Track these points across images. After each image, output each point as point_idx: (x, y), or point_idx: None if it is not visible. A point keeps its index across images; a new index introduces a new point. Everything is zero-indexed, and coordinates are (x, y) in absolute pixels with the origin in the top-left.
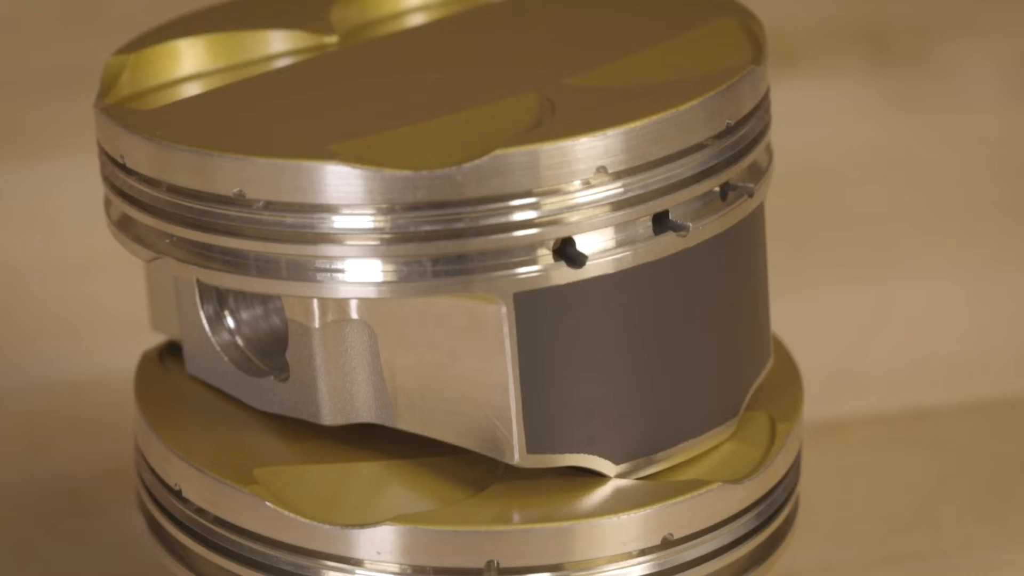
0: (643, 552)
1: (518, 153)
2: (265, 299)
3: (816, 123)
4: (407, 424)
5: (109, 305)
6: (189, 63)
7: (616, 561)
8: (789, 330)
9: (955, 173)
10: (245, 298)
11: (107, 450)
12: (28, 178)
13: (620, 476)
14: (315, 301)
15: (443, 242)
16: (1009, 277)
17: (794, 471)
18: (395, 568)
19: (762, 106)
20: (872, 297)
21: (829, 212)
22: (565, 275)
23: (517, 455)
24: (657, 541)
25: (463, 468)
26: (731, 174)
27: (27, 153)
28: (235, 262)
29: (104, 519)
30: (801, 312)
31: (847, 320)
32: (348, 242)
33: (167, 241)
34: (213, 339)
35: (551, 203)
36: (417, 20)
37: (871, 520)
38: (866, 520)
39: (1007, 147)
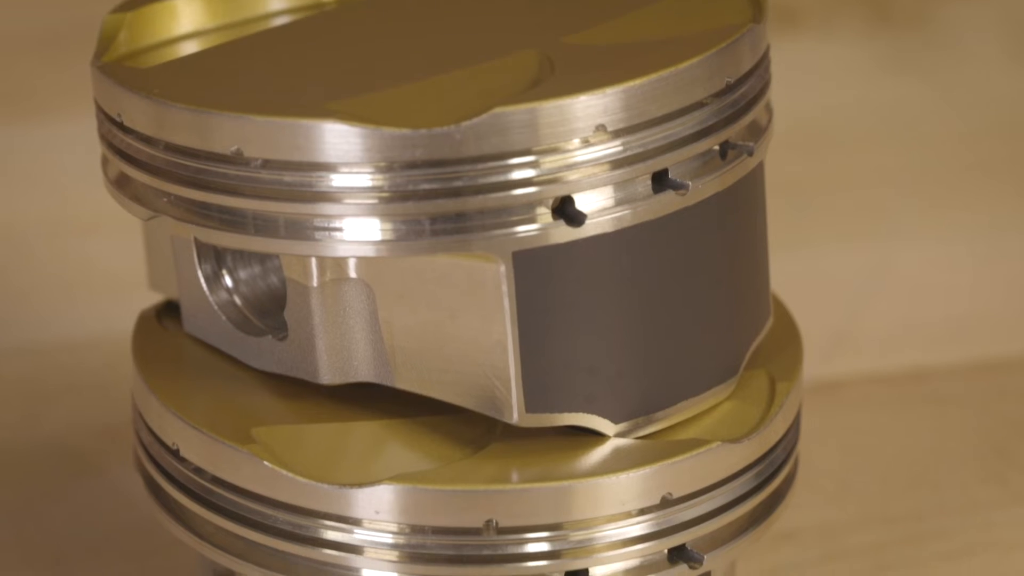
0: (642, 511)
1: (517, 111)
2: (263, 258)
3: (816, 84)
4: (405, 383)
5: (107, 265)
6: (187, 21)
7: (615, 520)
8: (788, 290)
9: (955, 134)
10: (243, 257)
11: (105, 410)
12: (26, 138)
13: (619, 435)
14: (313, 260)
15: (442, 201)
16: (1009, 238)
17: (793, 430)
18: (393, 527)
19: (762, 64)
20: (872, 257)
21: (829, 172)
22: (564, 234)
23: (516, 414)
24: (656, 500)
25: (462, 427)
26: (730, 133)
27: (25, 113)
28: (233, 221)
29: (102, 479)
30: (800, 272)
31: (846, 280)
32: (346, 200)
33: (165, 200)
34: (211, 298)
35: (550, 161)
36: None
37: (870, 480)
38: (865, 480)
39: (1007, 109)
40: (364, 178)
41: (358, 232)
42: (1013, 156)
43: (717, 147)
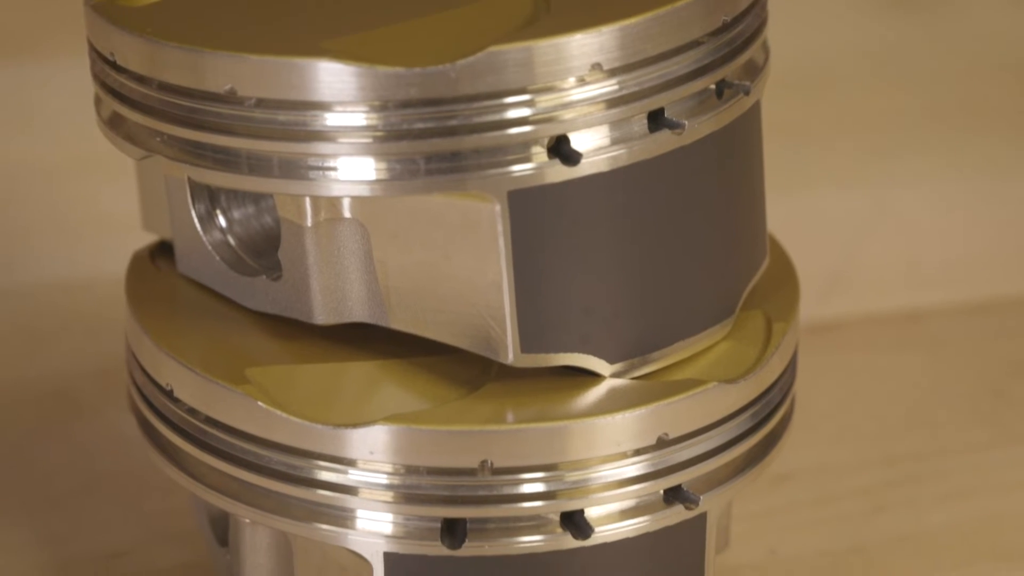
0: (638, 452)
1: (512, 50)
2: (257, 198)
3: (814, 24)
4: (400, 323)
5: (100, 205)
6: None
7: (610, 461)
8: (785, 231)
9: (953, 75)
10: (237, 196)
11: (99, 351)
12: (20, 78)
13: (615, 376)
14: (307, 199)
15: (436, 140)
16: (1006, 179)
17: (790, 371)
18: (388, 468)
19: (759, 3)
20: (868, 198)
21: (826, 113)
22: (559, 173)
23: (511, 354)
24: (652, 441)
25: (456, 368)
26: (727, 72)
27: (17, 52)
28: (226, 160)
29: (96, 420)
30: (797, 214)
31: (843, 221)
32: (341, 140)
33: (158, 139)
34: (204, 238)
35: (545, 100)
36: None
37: (867, 421)
38: (862, 421)
39: (1005, 49)
40: (358, 117)
41: (352, 171)
42: (1011, 98)
43: (713, 86)
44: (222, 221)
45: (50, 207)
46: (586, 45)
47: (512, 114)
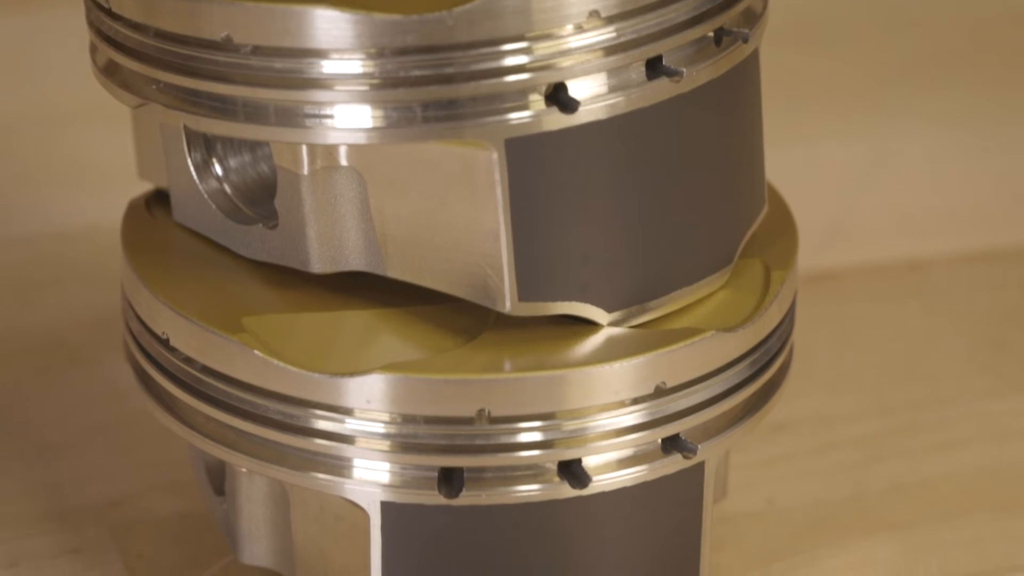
0: (635, 401)
1: None
2: (253, 146)
3: None
4: (397, 272)
5: (97, 155)
6: None
7: (608, 410)
8: (784, 181)
9: (952, 24)
10: (233, 145)
11: (95, 300)
12: (16, 27)
13: (612, 324)
14: (304, 147)
15: (433, 87)
16: (1004, 128)
17: (788, 320)
18: (385, 417)
19: None
20: (867, 148)
21: (825, 64)
22: (557, 121)
23: (508, 303)
24: (650, 390)
25: (454, 316)
26: (725, 19)
27: (14, 2)
28: (223, 108)
29: (92, 369)
30: (796, 164)
31: (842, 172)
32: (337, 87)
33: (154, 87)
34: (201, 187)
35: (543, 48)
36: None
37: (866, 371)
38: (861, 371)
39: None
40: (355, 64)
41: (349, 119)
42: (1011, 46)
43: (711, 33)
44: (218, 169)
45: (46, 156)
46: None
47: (509, 62)
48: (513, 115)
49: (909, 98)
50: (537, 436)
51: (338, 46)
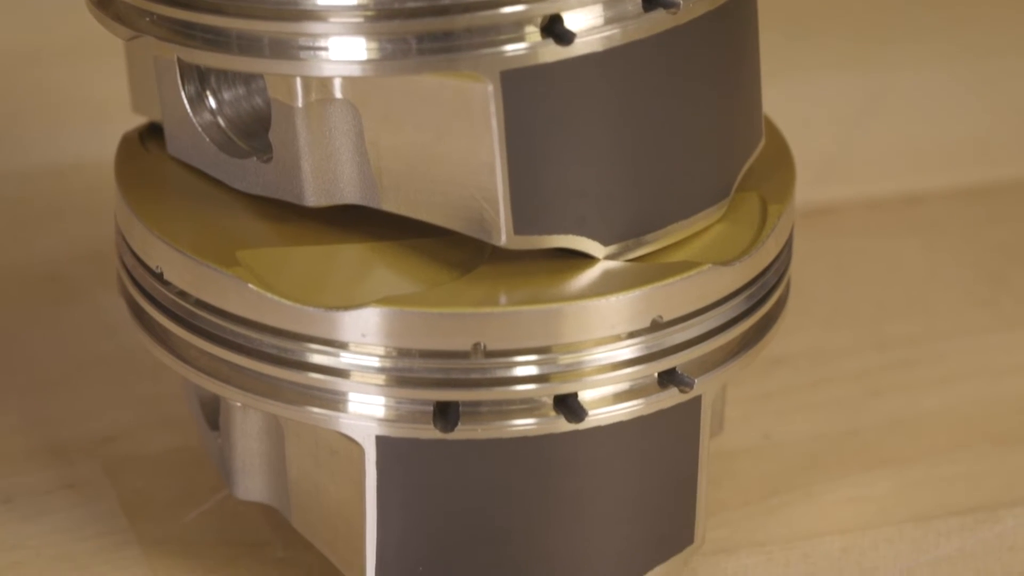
0: (631, 335)
1: None
2: (247, 78)
3: None
4: (392, 205)
5: (89, 88)
6: None
7: (604, 344)
8: (782, 115)
9: None
10: (227, 77)
11: (88, 234)
12: None
13: (609, 258)
14: (298, 80)
15: (428, 19)
16: (1004, 62)
17: (785, 253)
18: (380, 351)
19: None
20: (866, 82)
21: None
22: (553, 53)
23: (504, 236)
24: (646, 324)
25: (449, 250)
26: None
27: None
28: (217, 40)
29: (86, 304)
30: (794, 97)
31: (840, 106)
32: (332, 19)
33: (147, 19)
34: (194, 120)
35: None
36: None
37: (863, 305)
38: (858, 305)
39: None
40: None
41: (343, 51)
42: None
43: None
44: (212, 103)
45: (39, 90)
46: None
47: None
48: (509, 47)
49: (908, 32)
50: (533, 370)
51: None
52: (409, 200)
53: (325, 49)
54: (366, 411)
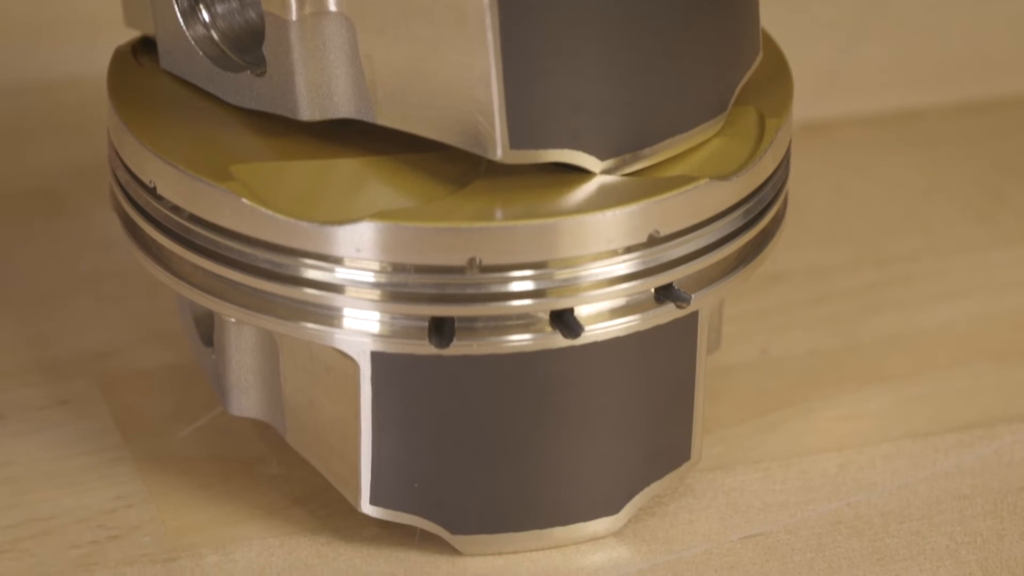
0: (628, 249)
1: None
2: None
3: None
4: (387, 119)
5: (83, 3)
6: None
7: (601, 259)
8: (780, 30)
9: None
10: None
11: (81, 150)
12: None
13: (605, 172)
14: None
15: None
16: None
17: (783, 168)
18: (375, 266)
19: None
20: None
21: None
22: None
23: (500, 150)
24: (643, 238)
25: (445, 165)
26: None
27: None
28: None
29: (78, 219)
30: (792, 12)
31: (838, 21)
32: None
33: None
34: (188, 33)
35: None
36: None
37: (862, 222)
38: (857, 222)
39: None
40: None
41: None
42: None
43: None
44: (205, 16)
45: (31, 5)
46: None
47: None
48: None
49: None
50: (529, 285)
51: None
52: (404, 114)
53: None
54: (361, 327)
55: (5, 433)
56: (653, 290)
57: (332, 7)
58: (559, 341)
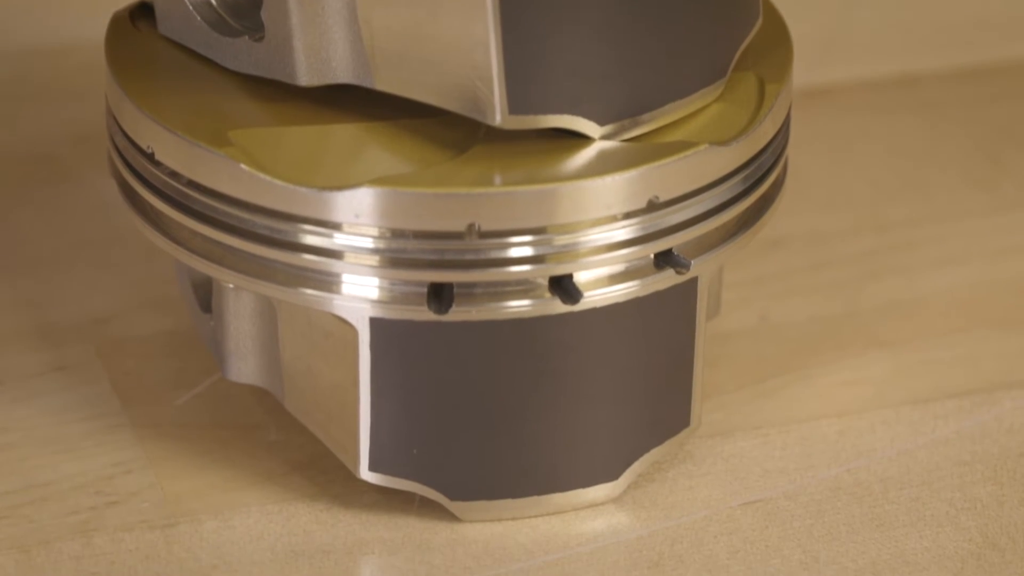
0: (628, 215)
1: None
2: None
3: None
4: (386, 85)
5: None
6: None
7: (600, 224)
8: None
9: None
10: None
11: (79, 116)
12: None
13: (604, 138)
14: None
15: None
16: None
17: (783, 134)
18: (374, 232)
19: None
20: None
21: None
22: None
23: (499, 116)
24: (642, 204)
25: (444, 130)
26: None
27: None
28: None
29: (77, 185)
30: None
31: None
32: None
33: None
34: None
35: None
36: None
37: (861, 187)
38: (856, 187)
39: None
40: None
41: None
42: None
43: None
44: None
45: None
46: None
47: None
48: None
49: None
50: (528, 251)
51: None
52: (403, 79)
53: None
54: (360, 292)
55: (3, 399)
56: (652, 256)
57: None
58: (558, 307)
